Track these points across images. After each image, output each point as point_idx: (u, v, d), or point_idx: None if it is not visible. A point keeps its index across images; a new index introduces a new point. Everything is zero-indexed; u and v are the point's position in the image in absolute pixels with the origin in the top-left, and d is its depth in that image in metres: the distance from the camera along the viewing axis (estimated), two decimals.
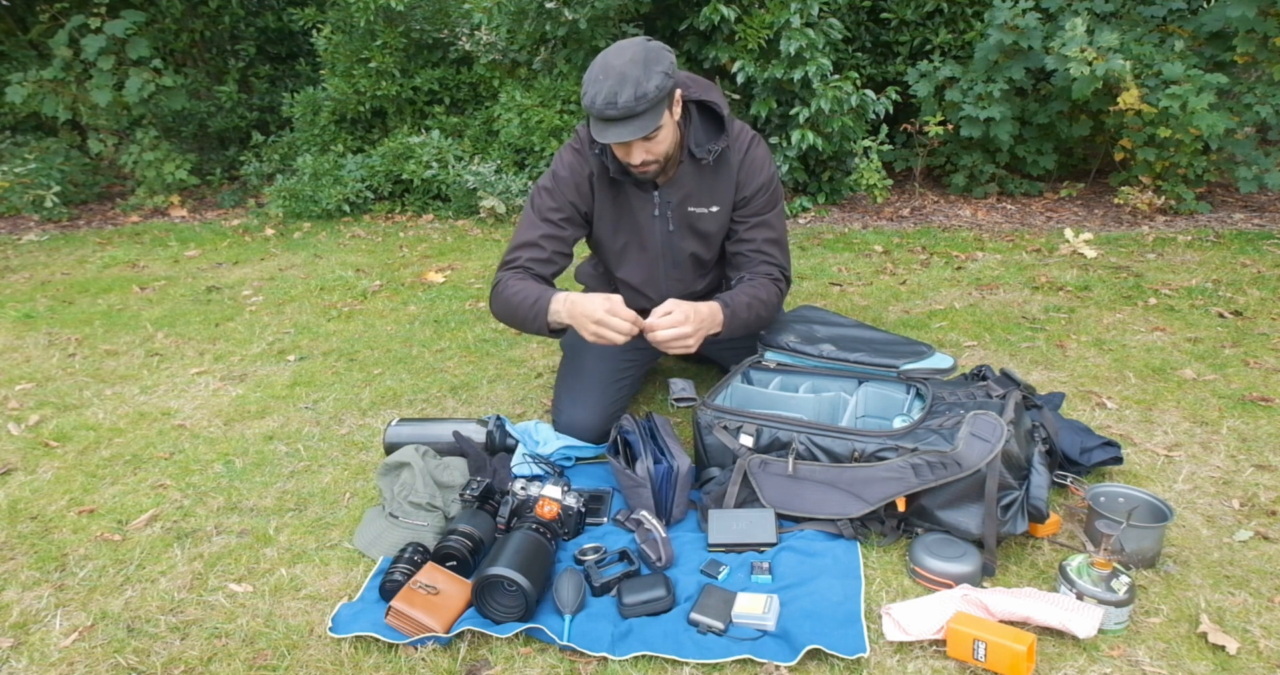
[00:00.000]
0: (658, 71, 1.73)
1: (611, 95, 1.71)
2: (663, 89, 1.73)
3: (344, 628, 1.51)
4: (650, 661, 1.42)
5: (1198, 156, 4.07)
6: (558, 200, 2.02)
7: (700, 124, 1.98)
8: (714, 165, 1.99)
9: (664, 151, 1.87)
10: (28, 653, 1.51)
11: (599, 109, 1.73)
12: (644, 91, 1.71)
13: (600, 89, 1.72)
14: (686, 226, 2.07)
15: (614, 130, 1.76)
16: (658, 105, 1.76)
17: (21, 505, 2.01)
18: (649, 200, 2.02)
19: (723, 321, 1.91)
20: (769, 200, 2.07)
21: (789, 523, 1.77)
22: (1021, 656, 1.33)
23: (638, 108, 1.72)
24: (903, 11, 4.70)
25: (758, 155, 2.04)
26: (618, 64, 1.73)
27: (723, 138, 1.97)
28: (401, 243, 4.34)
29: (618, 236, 2.10)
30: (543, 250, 2.01)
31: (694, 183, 2.01)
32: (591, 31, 4.27)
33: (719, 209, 2.05)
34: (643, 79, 1.71)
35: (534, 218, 2.04)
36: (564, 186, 2.02)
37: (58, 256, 4.37)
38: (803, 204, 4.52)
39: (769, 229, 2.08)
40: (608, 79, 1.72)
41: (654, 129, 1.77)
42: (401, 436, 2.07)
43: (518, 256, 2.02)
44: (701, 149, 1.96)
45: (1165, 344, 2.67)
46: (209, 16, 5.80)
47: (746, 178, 2.03)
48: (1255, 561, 1.64)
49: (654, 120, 1.76)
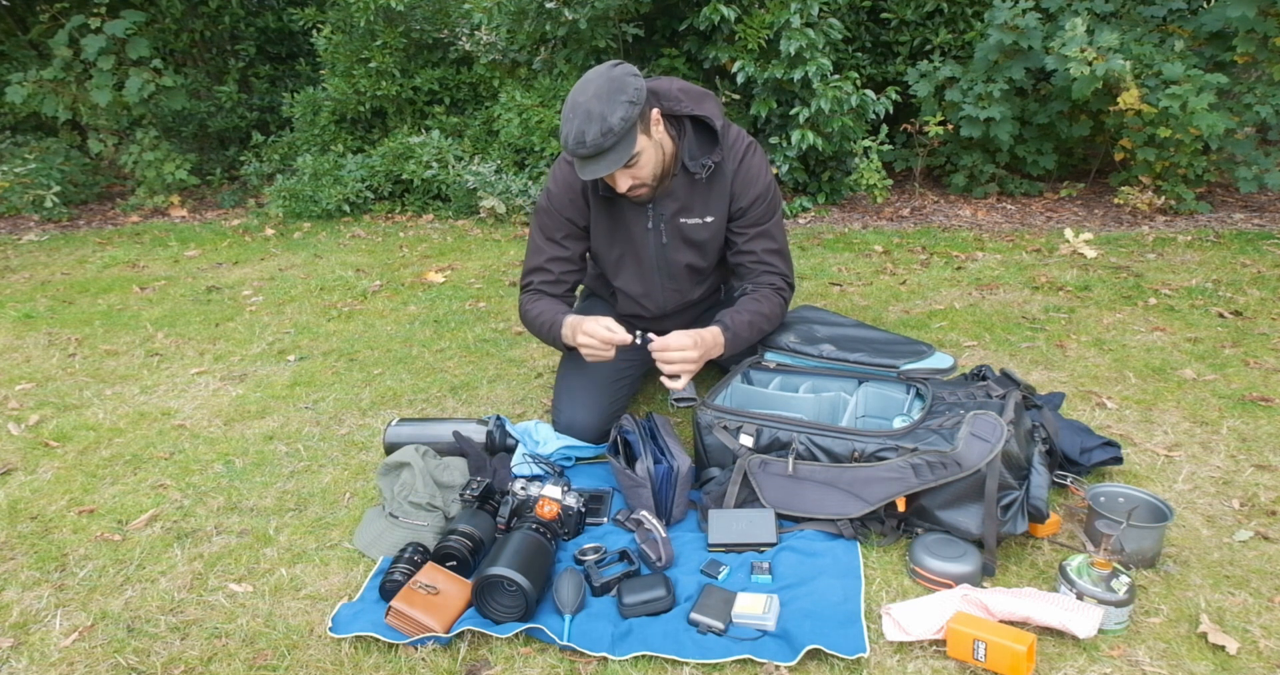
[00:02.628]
0: (621, 102, 1.71)
1: (580, 135, 1.72)
2: (628, 120, 1.72)
3: (344, 628, 1.51)
4: (650, 661, 1.42)
5: (1198, 156, 4.07)
6: (554, 219, 2.06)
7: (694, 137, 1.97)
8: (708, 177, 1.99)
9: (650, 174, 1.87)
10: (28, 653, 1.51)
11: (571, 149, 1.75)
12: (609, 126, 1.70)
13: (570, 128, 1.73)
14: (680, 238, 2.06)
15: (590, 167, 1.77)
16: (627, 136, 1.74)
17: (21, 505, 2.01)
18: (643, 213, 2.02)
19: (724, 344, 1.95)
20: (767, 210, 2.07)
21: (789, 523, 1.77)
22: (1021, 656, 1.34)
23: (605, 143, 1.72)
24: (903, 11, 4.70)
25: (753, 164, 2.02)
26: (582, 101, 1.73)
27: (716, 151, 1.96)
28: (401, 243, 4.34)
29: (613, 248, 2.10)
30: (550, 273, 2.08)
31: (687, 195, 2.00)
32: (591, 31, 4.27)
33: (713, 219, 2.05)
34: (606, 113, 1.70)
35: (538, 240, 2.09)
36: (558, 204, 2.04)
37: (58, 256, 4.37)
38: (803, 204, 4.52)
39: (769, 239, 2.08)
40: (575, 117, 1.72)
41: (629, 158, 1.76)
42: (401, 436, 2.07)
43: (530, 280, 2.12)
44: (695, 163, 1.95)
45: (1165, 344, 2.67)
46: (209, 16, 5.80)
47: (742, 188, 2.02)
48: (1255, 561, 1.64)
49: (626, 151, 1.75)
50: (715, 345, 1.93)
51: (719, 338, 1.94)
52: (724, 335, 1.95)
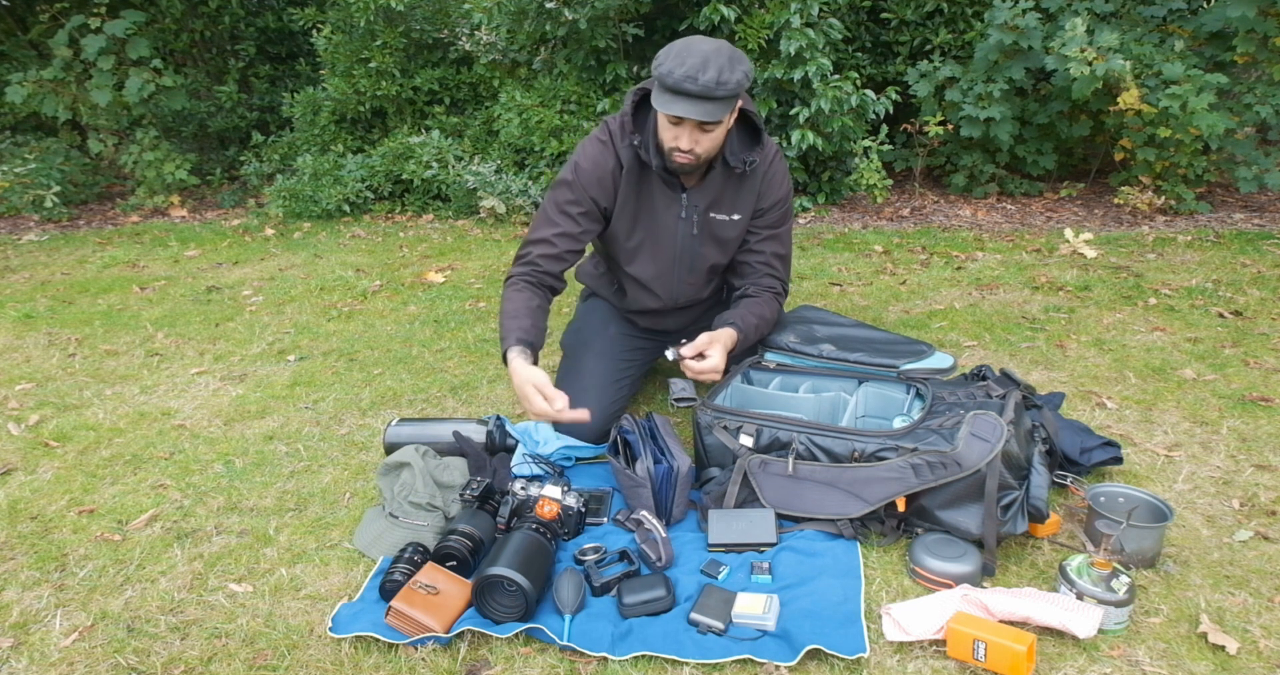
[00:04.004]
0: (741, 69, 1.75)
1: (695, 70, 1.71)
2: (741, 85, 1.75)
3: (344, 628, 1.51)
4: (650, 661, 1.42)
5: (1198, 156, 4.07)
6: (576, 193, 2.00)
7: (736, 133, 1.98)
8: (741, 174, 2.00)
9: (709, 149, 1.87)
10: (28, 653, 1.51)
11: (676, 80, 1.73)
12: (726, 79, 1.72)
13: (684, 63, 1.73)
14: (709, 233, 2.07)
15: (683, 104, 1.75)
16: (730, 99, 1.76)
17: (21, 505, 2.01)
18: (675, 200, 2.01)
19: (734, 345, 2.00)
20: (783, 215, 2.11)
21: (789, 523, 1.77)
22: (1021, 656, 1.33)
23: (716, 92, 1.73)
24: (903, 11, 4.70)
25: (779, 169, 2.07)
26: (704, 48, 1.75)
27: (758, 149, 1.97)
28: (401, 243, 4.34)
29: (635, 234, 2.08)
30: (554, 247, 2.02)
31: (721, 189, 2.02)
32: (591, 31, 4.27)
33: (740, 217, 2.06)
34: (727, 68, 1.73)
35: (551, 211, 2.03)
36: (585, 178, 1.99)
37: (58, 256, 4.37)
38: (803, 204, 4.52)
39: (779, 243, 2.12)
40: (693, 56, 1.73)
41: (717, 120, 1.78)
42: (401, 436, 2.07)
43: (529, 252, 2.03)
44: (735, 158, 1.96)
45: (1165, 344, 2.67)
46: (209, 16, 5.80)
47: (768, 189, 2.05)
48: (1255, 561, 1.64)
49: (723, 110, 1.77)
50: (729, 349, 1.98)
51: (733, 340, 1.98)
52: (737, 336, 1.99)
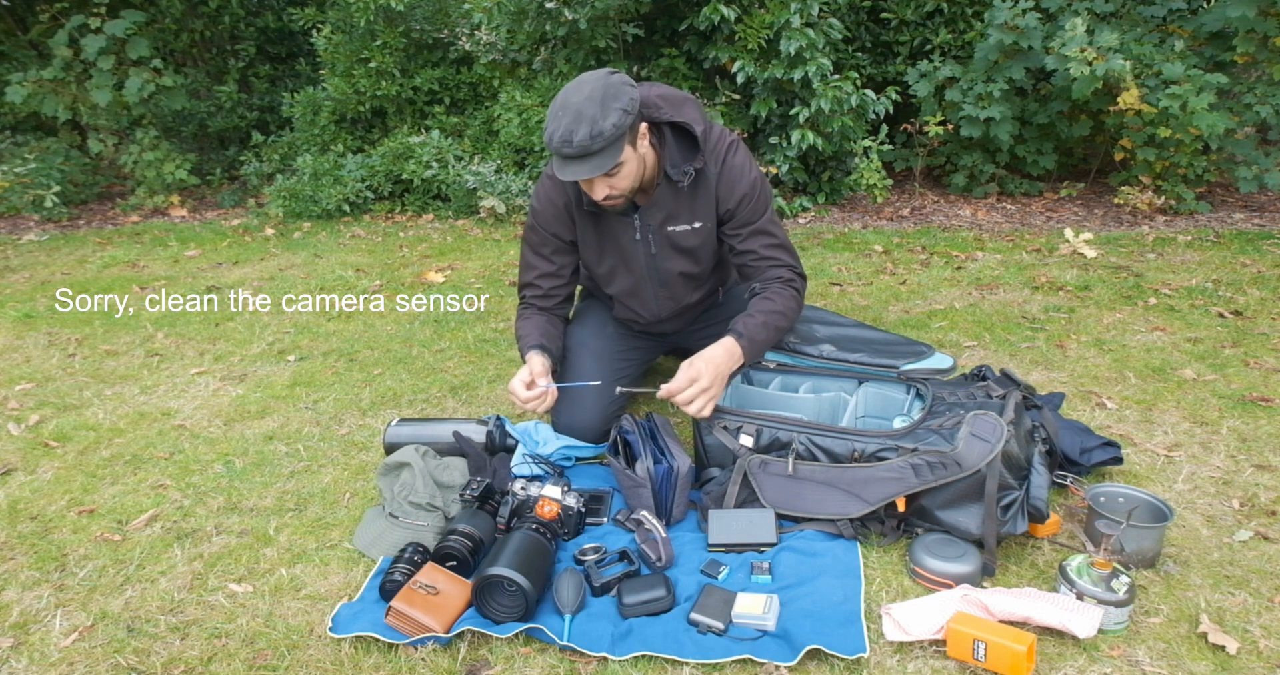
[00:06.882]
0: (615, 109, 1.68)
1: (568, 133, 1.68)
2: (620, 127, 1.69)
3: (344, 628, 1.51)
4: (650, 661, 1.42)
5: (1198, 156, 4.07)
6: (540, 235, 2.07)
7: (675, 145, 1.93)
8: (691, 183, 1.95)
9: (628, 187, 1.84)
10: (28, 653, 1.51)
11: (555, 146, 1.71)
12: (600, 130, 1.67)
13: (558, 126, 1.69)
14: (670, 247, 2.03)
15: (571, 168, 1.72)
16: (615, 143, 1.71)
17: (21, 505, 2.01)
18: (629, 224, 2.00)
19: (741, 354, 1.88)
20: (756, 207, 2.00)
21: (789, 523, 1.77)
22: (1021, 656, 1.34)
23: (593, 146, 1.68)
24: (903, 11, 4.70)
25: (735, 164, 1.96)
26: (575, 101, 1.70)
27: (698, 157, 1.92)
28: (401, 243, 4.34)
29: (603, 260, 2.09)
30: (539, 289, 2.13)
31: (673, 203, 1.97)
32: (591, 31, 4.27)
33: (701, 224, 2.01)
34: (599, 117, 1.67)
35: (527, 256, 2.12)
36: (542, 220, 2.05)
37: (58, 256, 4.37)
38: (803, 204, 4.52)
39: (766, 235, 2.02)
40: (565, 115, 1.69)
41: (613, 166, 1.73)
42: (401, 436, 2.07)
43: (523, 294, 2.16)
44: (677, 171, 1.91)
45: (1165, 344, 2.67)
46: (209, 16, 5.80)
47: (727, 190, 1.97)
48: (1255, 561, 1.64)
49: (612, 158, 1.71)
50: (731, 358, 1.85)
51: (734, 349, 1.86)
52: (740, 343, 1.88)
